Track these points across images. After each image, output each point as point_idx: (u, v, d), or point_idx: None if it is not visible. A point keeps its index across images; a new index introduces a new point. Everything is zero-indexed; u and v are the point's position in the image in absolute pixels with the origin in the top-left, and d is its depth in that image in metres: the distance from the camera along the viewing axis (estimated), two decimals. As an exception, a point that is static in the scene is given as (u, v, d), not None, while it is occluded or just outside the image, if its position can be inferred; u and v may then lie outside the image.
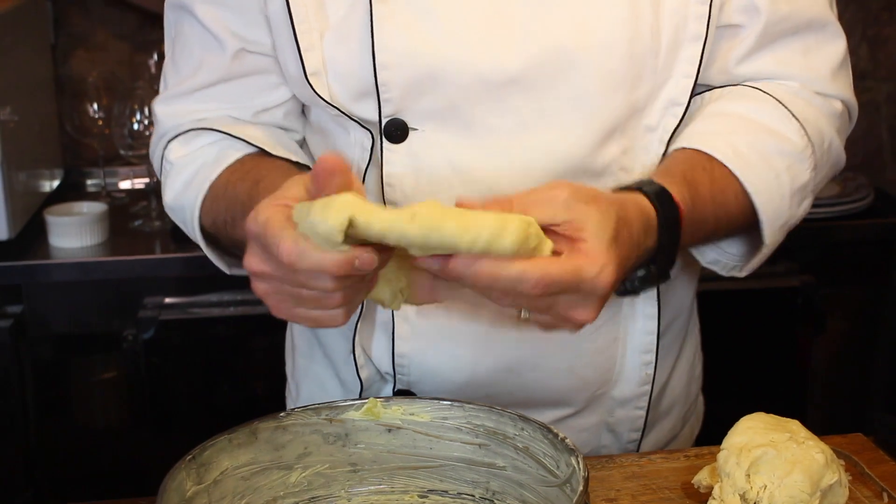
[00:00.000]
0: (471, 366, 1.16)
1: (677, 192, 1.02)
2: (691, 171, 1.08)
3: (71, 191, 2.60)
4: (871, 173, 2.63)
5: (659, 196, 1.01)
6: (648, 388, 1.22)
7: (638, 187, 1.01)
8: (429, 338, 1.16)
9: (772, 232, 1.11)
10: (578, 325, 0.92)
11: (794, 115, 1.12)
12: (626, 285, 1.03)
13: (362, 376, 1.21)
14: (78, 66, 2.65)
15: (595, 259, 0.89)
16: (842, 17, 1.19)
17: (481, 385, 1.17)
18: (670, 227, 1.01)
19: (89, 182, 2.68)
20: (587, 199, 0.92)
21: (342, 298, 0.90)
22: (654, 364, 1.21)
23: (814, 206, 2.26)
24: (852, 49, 2.79)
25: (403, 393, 1.20)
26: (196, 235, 1.17)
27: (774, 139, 1.11)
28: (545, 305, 0.90)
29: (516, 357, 1.16)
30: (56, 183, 2.59)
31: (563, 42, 1.07)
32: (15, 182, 2.22)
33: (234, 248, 1.17)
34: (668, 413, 1.29)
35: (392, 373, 1.19)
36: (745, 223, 1.12)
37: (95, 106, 2.44)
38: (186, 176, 1.17)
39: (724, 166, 1.09)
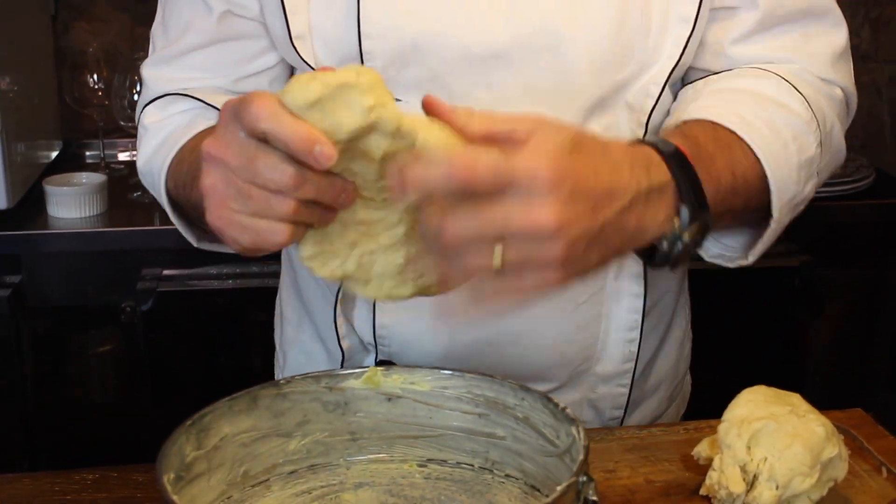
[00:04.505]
0: (450, 338, 1.15)
1: (673, 139, 0.93)
2: (688, 128, 1.01)
3: (70, 162, 2.59)
4: (872, 154, 2.63)
5: (646, 142, 0.92)
6: (631, 365, 1.21)
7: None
8: (410, 309, 1.08)
9: (780, 204, 1.02)
10: (546, 233, 0.76)
11: (797, 89, 1.09)
12: (668, 242, 0.89)
13: (344, 346, 1.21)
14: (78, 38, 2.64)
15: (534, 148, 0.77)
16: (844, -1, 1.17)
17: (461, 358, 1.15)
18: (675, 157, 0.90)
19: (88, 153, 2.67)
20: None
21: (292, 208, 0.79)
22: (637, 342, 1.20)
23: (814, 186, 2.31)
24: (854, 30, 2.79)
25: (385, 364, 1.17)
26: (163, 200, 1.15)
27: (780, 109, 1.06)
28: (492, 218, 0.77)
29: (497, 331, 1.15)
30: (55, 154, 2.59)
31: (550, 18, 1.06)
32: (14, 152, 2.21)
33: (195, 214, 1.12)
34: (654, 392, 1.28)
35: (374, 343, 1.19)
36: (758, 188, 1.02)
37: (95, 77, 2.43)
38: (158, 141, 1.16)
39: (729, 130, 1.01)
